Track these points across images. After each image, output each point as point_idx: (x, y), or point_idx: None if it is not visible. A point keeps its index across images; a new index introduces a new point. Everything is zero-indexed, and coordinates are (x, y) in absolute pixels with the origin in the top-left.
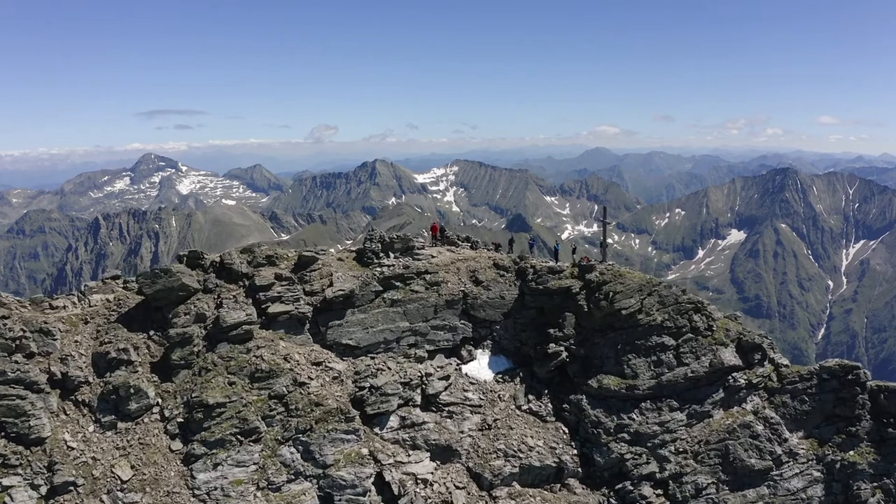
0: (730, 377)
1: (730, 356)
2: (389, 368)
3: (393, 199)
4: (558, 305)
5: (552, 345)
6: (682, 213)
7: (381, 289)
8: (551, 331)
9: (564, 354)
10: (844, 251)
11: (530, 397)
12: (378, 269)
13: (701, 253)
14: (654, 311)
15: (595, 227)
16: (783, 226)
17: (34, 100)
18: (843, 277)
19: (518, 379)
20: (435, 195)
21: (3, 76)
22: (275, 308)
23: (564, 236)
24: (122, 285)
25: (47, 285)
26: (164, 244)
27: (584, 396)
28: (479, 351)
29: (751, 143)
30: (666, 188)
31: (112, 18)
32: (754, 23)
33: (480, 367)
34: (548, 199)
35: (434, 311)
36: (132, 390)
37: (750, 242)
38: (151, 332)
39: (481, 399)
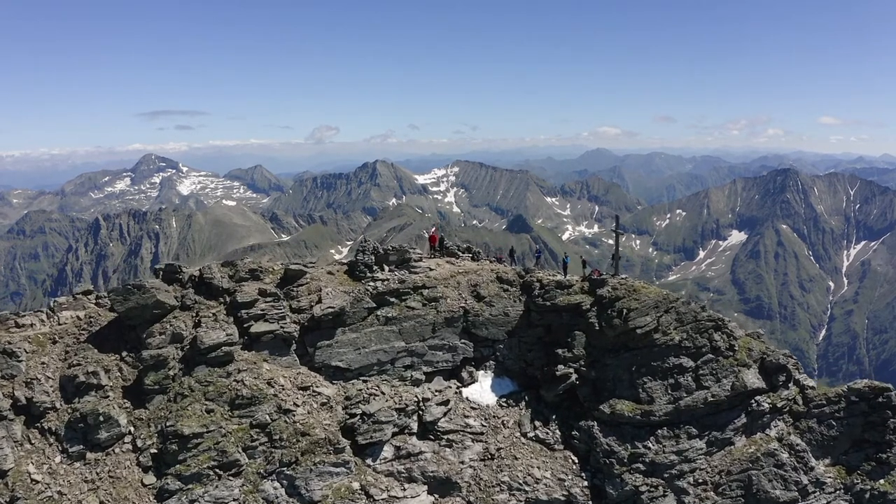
0: (753, 401)
1: (753, 378)
2: (383, 393)
3: (394, 200)
4: (567, 323)
5: (561, 366)
6: (683, 213)
7: (374, 305)
8: (560, 351)
9: (574, 377)
10: (845, 252)
11: (537, 423)
12: (371, 283)
13: (702, 254)
14: (672, 329)
15: (596, 228)
16: (784, 227)
17: (35, 100)
18: (844, 278)
19: (523, 403)
20: (435, 196)
21: (4, 76)
22: (258, 327)
23: (565, 237)
24: (94, 301)
25: (48, 286)
26: (164, 245)
27: (595, 423)
28: (481, 372)
29: (751, 143)
30: (667, 189)
31: (115, 18)
32: (756, 23)
33: (482, 390)
34: (548, 199)
35: (432, 329)
36: (102, 418)
37: (751, 243)
38: (124, 353)
39: (483, 426)
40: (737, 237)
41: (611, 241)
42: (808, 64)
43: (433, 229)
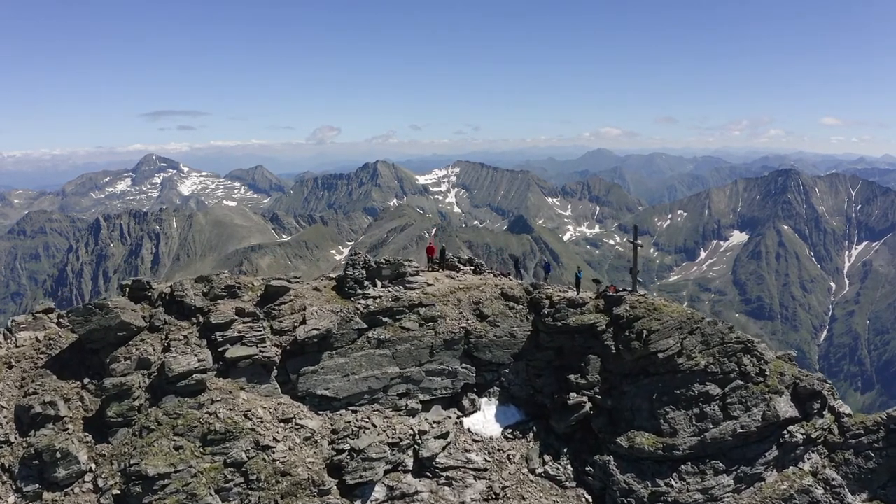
0: (785, 431)
1: (785, 406)
2: (374, 426)
3: (394, 201)
4: (580, 346)
5: (573, 394)
6: (684, 214)
7: (365, 326)
8: (572, 377)
9: (588, 406)
10: (847, 253)
11: (546, 458)
12: (362, 301)
13: (703, 254)
14: (697, 353)
15: (597, 229)
16: (785, 227)
17: (37, 101)
18: (846, 279)
19: (531, 435)
20: (436, 196)
21: (6, 76)
22: (234, 351)
23: (566, 237)
24: (55, 320)
25: (48, 286)
26: (164, 245)
27: (611, 458)
28: (485, 400)
29: (752, 144)
30: (668, 189)
31: (118, 19)
32: (759, 24)
33: (486, 420)
34: (549, 200)
35: (430, 352)
36: (59, 454)
37: (752, 244)
38: (86, 380)
39: (487, 461)
40: (738, 238)
41: (612, 242)
42: (810, 65)
43: (431, 239)
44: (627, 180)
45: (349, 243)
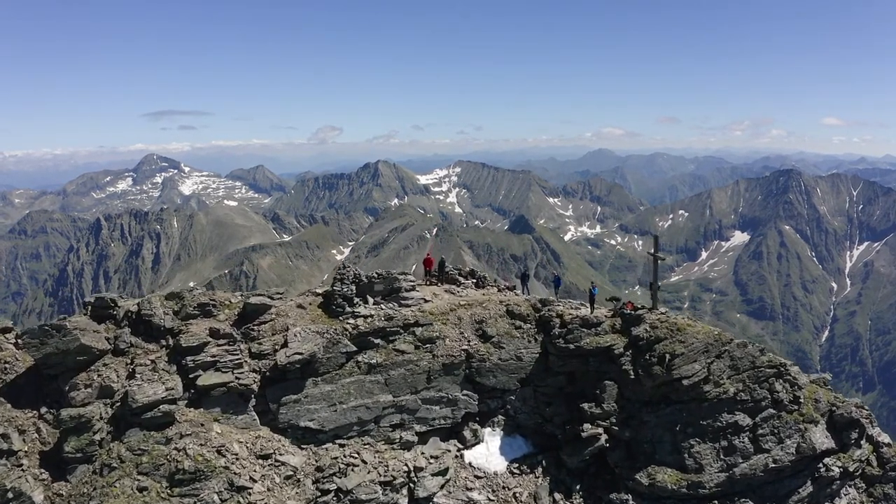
0: (820, 465)
1: (821, 437)
2: (364, 462)
3: (395, 201)
4: (595, 371)
5: (587, 425)
6: (686, 214)
7: (354, 349)
8: (586, 406)
9: (604, 438)
10: (848, 253)
11: (557, 496)
12: (351, 321)
13: (704, 255)
14: (725, 379)
15: (598, 229)
16: (787, 227)
17: (39, 101)
18: (847, 279)
19: (540, 469)
20: (437, 196)
21: (8, 76)
22: (207, 378)
23: (567, 237)
24: (12, 341)
25: (49, 286)
26: (165, 245)
27: (630, 496)
28: (488, 431)
29: (754, 144)
30: (669, 189)
31: (121, 19)
32: (761, 23)
33: (489, 453)
34: (550, 200)
35: (427, 378)
36: (11, 494)
37: (753, 244)
38: (44, 410)
39: (491, 500)
40: (739, 238)
41: (613, 242)
42: (812, 65)
43: (429, 250)
44: (628, 180)
45: (350, 243)
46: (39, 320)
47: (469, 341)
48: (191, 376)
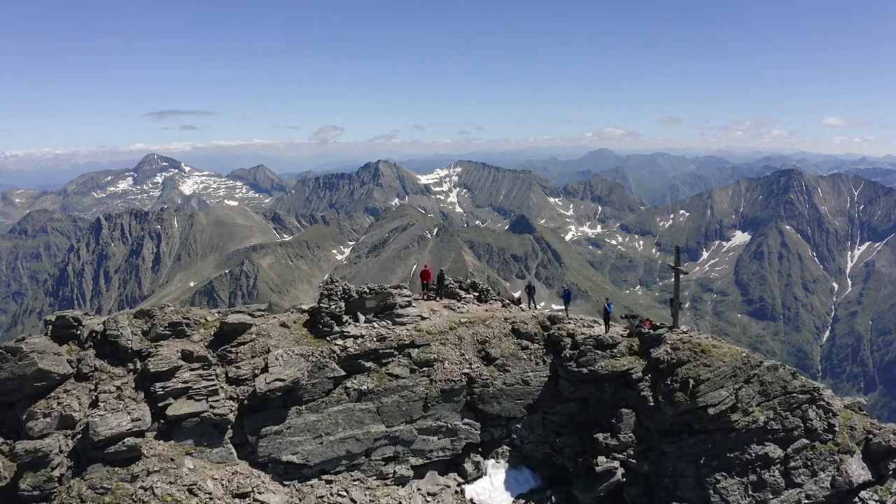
0: (856, 499)
1: (857, 469)
2: (354, 501)
3: (396, 200)
4: (611, 397)
5: (602, 458)
6: (687, 214)
7: (342, 374)
8: (601, 436)
9: (620, 472)
10: (849, 253)
11: None
12: (339, 342)
13: (705, 255)
14: (755, 406)
15: (599, 229)
16: (788, 227)
17: (41, 100)
18: (848, 280)
19: None
20: (438, 196)
21: (10, 75)
22: (178, 408)
23: (568, 237)
24: None
25: (49, 286)
26: (165, 245)
27: None
28: (492, 463)
29: (755, 144)
30: (670, 189)
31: (125, 19)
32: (763, 23)
33: (493, 488)
34: (551, 200)
35: (424, 405)
36: None
37: (754, 244)
38: (0, 441)
39: None
40: (740, 238)
41: (614, 242)
42: (814, 65)
43: (427, 262)
44: (629, 180)
45: (350, 243)
46: (40, 320)
47: (471, 364)
48: (160, 405)
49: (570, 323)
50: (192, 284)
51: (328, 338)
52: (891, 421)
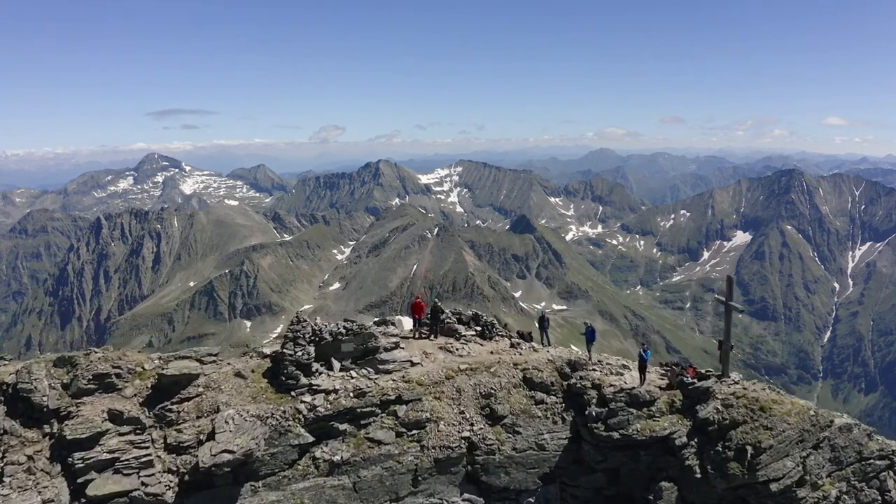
0: None
1: None
2: None
3: (396, 200)
4: (647, 467)
5: None
6: (687, 214)
7: (310, 440)
8: None
9: None
10: (850, 253)
11: None
12: (307, 398)
13: (706, 255)
14: (824, 477)
15: (600, 229)
16: (789, 227)
17: (42, 100)
18: (850, 280)
19: None
20: (439, 196)
21: (11, 75)
22: (101, 485)
23: (569, 237)
24: None
25: (49, 285)
26: (165, 245)
27: None
28: None
29: (755, 144)
30: (670, 189)
31: (126, 18)
32: (764, 23)
33: None
34: (552, 200)
35: (413, 479)
36: None
37: (755, 244)
38: None
39: None
40: (741, 238)
41: (614, 242)
42: (816, 65)
43: (420, 292)
44: (630, 180)
45: (351, 243)
46: (40, 320)
47: (472, 424)
48: (80, 481)
49: (594, 370)
50: (192, 284)
51: (293, 392)
52: (892, 423)
